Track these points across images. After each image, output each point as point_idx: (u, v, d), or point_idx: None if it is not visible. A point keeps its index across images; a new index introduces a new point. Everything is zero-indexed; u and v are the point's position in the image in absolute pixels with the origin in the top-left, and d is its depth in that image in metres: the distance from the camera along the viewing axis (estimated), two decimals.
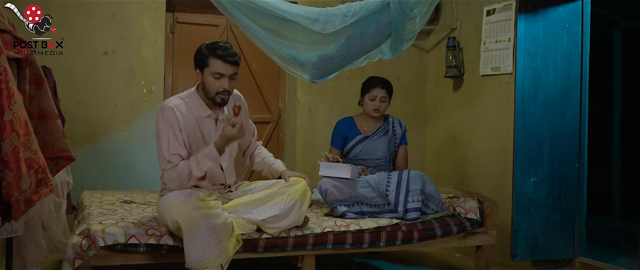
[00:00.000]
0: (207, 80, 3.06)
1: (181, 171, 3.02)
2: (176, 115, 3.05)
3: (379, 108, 3.96)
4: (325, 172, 3.64)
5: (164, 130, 3.05)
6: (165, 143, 3.04)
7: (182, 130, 3.06)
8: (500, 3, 4.38)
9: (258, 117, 5.12)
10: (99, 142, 4.54)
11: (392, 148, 4.03)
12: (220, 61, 3.03)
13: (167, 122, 3.05)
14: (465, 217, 3.64)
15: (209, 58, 3.04)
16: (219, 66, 3.03)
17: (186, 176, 3.03)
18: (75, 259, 2.88)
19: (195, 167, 3.01)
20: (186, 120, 3.08)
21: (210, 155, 2.99)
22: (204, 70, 3.06)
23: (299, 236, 3.24)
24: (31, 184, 2.35)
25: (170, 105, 3.08)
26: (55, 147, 2.65)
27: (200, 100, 3.14)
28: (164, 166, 3.06)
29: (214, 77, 3.04)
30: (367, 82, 4.04)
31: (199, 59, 3.08)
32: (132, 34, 4.60)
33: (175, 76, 4.95)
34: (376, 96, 3.95)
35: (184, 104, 3.11)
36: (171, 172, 3.04)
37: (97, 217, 3.16)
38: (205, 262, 2.86)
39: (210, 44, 3.08)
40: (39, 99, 2.62)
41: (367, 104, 3.99)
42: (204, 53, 3.06)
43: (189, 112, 3.10)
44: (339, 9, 3.65)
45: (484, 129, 4.57)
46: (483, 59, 4.56)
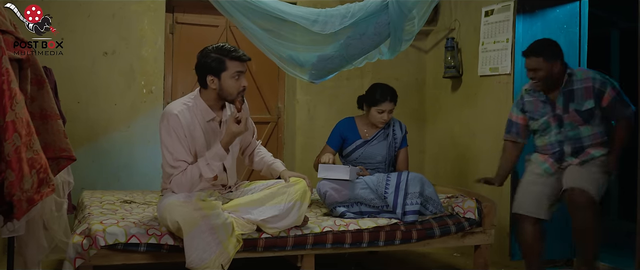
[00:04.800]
0: (227, 84, 3.05)
1: (191, 175, 3.00)
2: (181, 122, 3.02)
3: (387, 120, 3.92)
4: (324, 174, 3.64)
5: (169, 137, 3.02)
6: (170, 150, 3.02)
7: (187, 136, 3.04)
8: (498, 4, 4.40)
9: (257, 117, 5.13)
10: (99, 142, 4.55)
11: (392, 152, 4.01)
12: (237, 62, 3.04)
13: (171, 129, 3.02)
14: (463, 216, 3.66)
15: (226, 61, 3.03)
16: (238, 66, 3.05)
17: (197, 179, 3.01)
18: (76, 259, 2.89)
19: (206, 169, 2.99)
20: (190, 126, 3.06)
21: (218, 154, 2.99)
22: (222, 75, 3.03)
23: (299, 236, 3.25)
24: (33, 183, 2.37)
25: (175, 112, 3.04)
26: (56, 147, 2.67)
27: (204, 104, 3.11)
28: (171, 172, 3.03)
29: (234, 79, 3.04)
30: (376, 94, 3.88)
31: (214, 65, 3.02)
32: (132, 35, 4.62)
33: (174, 76, 4.96)
34: (385, 110, 3.87)
35: (187, 109, 3.08)
36: (180, 177, 3.01)
37: (98, 216, 3.18)
38: (206, 262, 2.87)
39: (219, 48, 3.06)
40: (41, 100, 2.63)
41: (374, 116, 3.90)
42: (218, 58, 3.02)
43: (193, 118, 3.08)
44: (338, 9, 3.66)
45: (482, 129, 4.59)
46: (481, 60, 4.58)
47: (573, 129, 3.41)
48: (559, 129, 3.45)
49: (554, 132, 3.47)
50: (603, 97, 3.35)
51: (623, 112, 3.35)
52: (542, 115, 3.50)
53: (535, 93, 3.52)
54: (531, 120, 3.57)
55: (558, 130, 3.45)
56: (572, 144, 3.42)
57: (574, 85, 3.39)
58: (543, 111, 3.50)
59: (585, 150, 3.39)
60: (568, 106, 3.41)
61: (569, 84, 3.40)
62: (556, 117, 3.44)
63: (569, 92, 3.40)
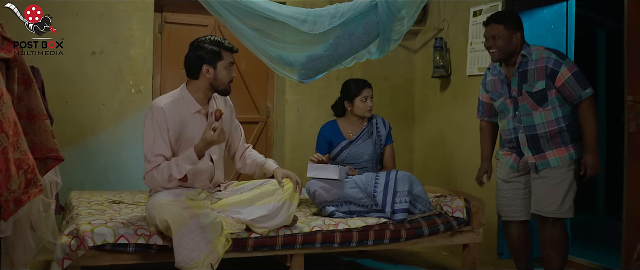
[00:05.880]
0: (222, 73, 3.16)
1: (162, 172, 3.03)
2: (165, 115, 3.06)
3: (371, 106, 3.98)
4: (313, 173, 3.66)
5: (151, 130, 3.07)
6: (150, 142, 3.06)
7: (170, 130, 3.08)
8: (486, 4, 4.42)
9: (247, 117, 5.13)
10: (87, 142, 4.53)
11: (378, 150, 4.03)
12: (230, 52, 3.18)
13: (155, 122, 3.06)
14: (452, 215, 3.68)
15: (221, 52, 3.15)
16: (230, 57, 3.19)
17: (166, 178, 3.04)
18: (64, 259, 2.87)
19: (175, 169, 3.01)
20: (176, 119, 3.10)
21: (190, 158, 3.00)
22: (218, 64, 3.15)
23: (288, 235, 3.26)
24: (20, 184, 2.36)
25: (160, 104, 3.10)
26: (44, 148, 2.66)
27: (190, 97, 3.17)
28: (146, 166, 3.08)
29: (227, 69, 3.17)
30: (353, 86, 3.98)
31: (211, 56, 3.13)
32: (120, 34, 4.60)
33: (163, 76, 4.95)
34: (367, 96, 3.95)
35: (173, 102, 3.13)
36: (153, 172, 3.05)
37: (86, 217, 3.16)
38: (196, 261, 2.87)
39: (214, 40, 3.18)
40: (28, 100, 2.62)
41: (359, 107, 3.95)
42: (214, 48, 3.14)
43: (178, 111, 3.12)
44: (327, 9, 3.67)
45: (471, 128, 4.61)
46: (470, 59, 4.60)
47: (526, 114, 3.29)
48: (514, 113, 3.35)
49: (510, 115, 3.37)
50: (556, 77, 3.20)
51: (579, 93, 3.18)
52: (499, 95, 3.42)
53: (495, 71, 3.44)
54: (492, 100, 3.50)
55: (513, 114, 3.35)
56: (526, 131, 3.30)
57: (528, 65, 3.28)
58: (501, 91, 3.41)
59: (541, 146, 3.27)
60: (522, 87, 3.29)
61: (523, 64, 3.29)
62: (512, 99, 3.35)
63: (523, 72, 3.29)
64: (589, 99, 3.20)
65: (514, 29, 3.29)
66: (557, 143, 3.26)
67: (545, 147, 3.28)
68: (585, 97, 3.19)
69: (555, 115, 3.24)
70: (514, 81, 3.32)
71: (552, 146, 3.26)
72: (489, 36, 3.33)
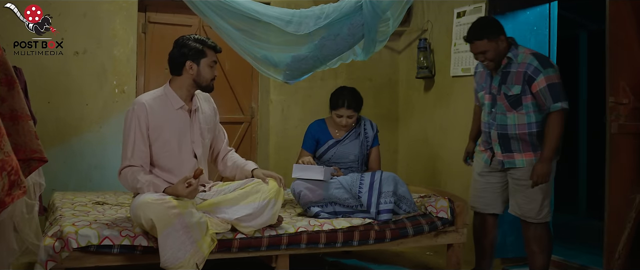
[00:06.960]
0: (205, 71, 3.20)
1: (132, 178, 3.07)
2: (147, 111, 3.12)
3: (347, 124, 3.94)
4: (298, 174, 3.66)
5: (132, 128, 3.12)
6: (131, 141, 3.11)
7: (150, 128, 3.12)
8: (470, 5, 4.45)
9: (231, 117, 5.12)
10: (71, 142, 4.49)
11: (364, 151, 4.04)
12: (213, 51, 3.24)
13: (136, 119, 3.11)
14: (436, 216, 3.70)
15: (205, 50, 3.20)
16: (213, 55, 3.24)
17: (132, 185, 3.09)
18: (48, 261, 2.85)
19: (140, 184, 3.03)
20: (158, 116, 3.14)
21: (154, 185, 3.02)
22: (201, 61, 3.19)
23: (273, 236, 3.26)
24: (4, 186, 2.33)
25: (142, 101, 3.16)
26: (27, 149, 2.62)
27: (174, 93, 3.22)
28: (123, 163, 3.12)
29: (209, 66, 3.22)
30: (335, 99, 3.94)
31: (194, 52, 3.18)
32: (103, 34, 4.56)
33: (147, 76, 4.92)
34: (343, 115, 3.91)
35: (156, 99, 3.19)
36: (126, 172, 3.10)
37: (70, 218, 3.14)
38: (181, 261, 2.87)
39: (197, 38, 3.23)
40: (11, 100, 2.58)
41: (334, 118, 3.96)
42: (197, 47, 3.19)
43: (161, 107, 3.17)
44: (312, 10, 3.68)
45: (454, 129, 4.64)
46: (454, 60, 4.63)
47: (501, 113, 3.40)
48: (491, 109, 3.46)
49: (487, 110, 3.50)
50: (532, 84, 3.28)
51: (549, 104, 3.27)
52: (482, 88, 3.55)
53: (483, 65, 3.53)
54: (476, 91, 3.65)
55: (489, 110, 3.47)
56: (498, 130, 3.42)
57: (511, 67, 3.36)
58: (484, 85, 3.54)
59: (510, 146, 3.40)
60: (501, 88, 3.40)
61: (508, 66, 3.38)
62: (491, 95, 3.46)
63: (506, 73, 3.38)
64: (558, 112, 3.29)
65: (496, 36, 3.37)
66: (526, 146, 3.39)
67: (515, 148, 3.42)
68: (554, 110, 3.28)
69: (528, 119, 3.35)
70: (496, 80, 3.43)
71: (521, 149, 3.40)
72: (477, 53, 3.41)
